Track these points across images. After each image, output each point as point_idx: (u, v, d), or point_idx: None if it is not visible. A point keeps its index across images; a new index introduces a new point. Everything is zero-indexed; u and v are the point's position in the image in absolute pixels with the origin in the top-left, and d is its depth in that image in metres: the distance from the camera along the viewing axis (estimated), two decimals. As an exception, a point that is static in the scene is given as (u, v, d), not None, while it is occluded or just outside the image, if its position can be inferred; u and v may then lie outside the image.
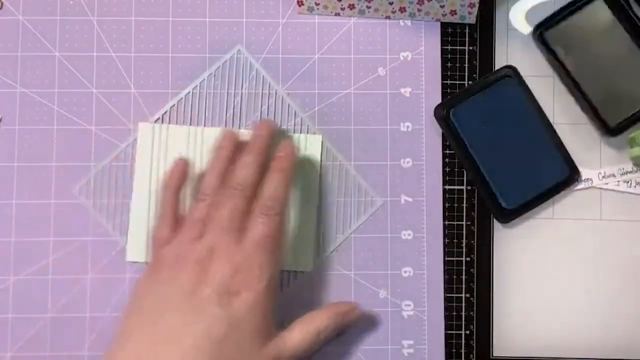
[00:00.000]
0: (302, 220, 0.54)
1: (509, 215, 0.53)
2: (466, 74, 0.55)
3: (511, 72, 0.54)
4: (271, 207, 0.47)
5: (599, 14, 0.53)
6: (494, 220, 0.54)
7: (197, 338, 0.44)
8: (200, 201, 0.49)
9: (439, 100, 0.54)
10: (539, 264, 0.54)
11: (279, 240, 0.48)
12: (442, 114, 0.53)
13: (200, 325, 0.44)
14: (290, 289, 0.54)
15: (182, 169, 0.52)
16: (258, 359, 0.45)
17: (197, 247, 0.46)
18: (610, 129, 0.53)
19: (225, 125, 0.54)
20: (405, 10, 0.54)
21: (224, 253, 0.46)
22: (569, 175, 0.53)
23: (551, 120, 0.54)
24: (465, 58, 0.55)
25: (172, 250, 0.47)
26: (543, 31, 0.53)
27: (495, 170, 0.53)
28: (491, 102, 0.54)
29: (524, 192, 0.53)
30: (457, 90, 0.55)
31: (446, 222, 0.54)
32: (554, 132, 0.53)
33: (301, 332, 0.48)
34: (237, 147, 0.51)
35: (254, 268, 0.46)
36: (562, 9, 0.53)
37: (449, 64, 0.55)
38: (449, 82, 0.55)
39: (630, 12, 0.53)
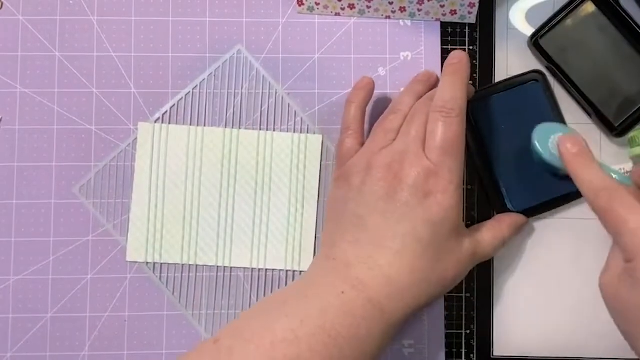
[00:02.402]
0: (302, 220, 0.54)
1: None
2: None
3: (539, 77, 0.53)
4: (452, 109, 0.47)
5: (591, 17, 0.53)
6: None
7: (405, 239, 0.45)
8: (392, 113, 0.50)
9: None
10: (539, 264, 0.54)
11: (462, 141, 0.47)
12: None
13: (406, 227, 0.45)
14: (291, 288, 0.54)
15: (368, 86, 0.52)
16: (460, 255, 0.47)
17: (386, 153, 0.47)
18: (615, 130, 0.53)
19: (225, 126, 0.54)
20: (405, 10, 0.54)
21: (413, 158, 0.46)
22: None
23: (551, 120, 0.54)
24: (465, 58, 0.55)
25: (362, 159, 0.48)
26: (538, 39, 0.53)
27: (507, 171, 0.53)
28: (514, 104, 0.53)
29: (532, 198, 0.53)
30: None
31: (446, 222, 0.54)
32: None
33: (489, 236, 0.50)
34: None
35: (443, 172, 0.46)
36: (554, 16, 0.53)
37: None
38: (449, 82, 0.55)
39: (621, 12, 0.53)
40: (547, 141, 0.49)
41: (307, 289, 0.45)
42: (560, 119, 0.53)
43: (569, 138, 0.48)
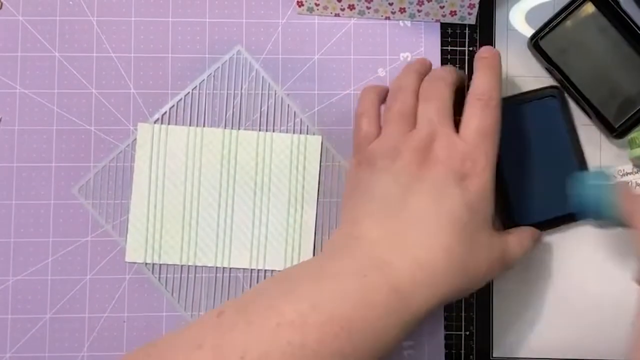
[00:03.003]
0: (302, 220, 0.54)
1: None
2: (466, 74, 0.55)
3: (556, 93, 0.53)
4: (491, 98, 0.46)
5: (591, 18, 0.53)
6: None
7: (440, 219, 0.42)
8: (401, 94, 0.48)
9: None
10: (539, 265, 0.54)
11: (498, 131, 0.46)
12: None
13: (442, 207, 0.43)
14: (290, 289, 0.54)
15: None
16: (491, 252, 0.44)
17: (414, 137, 0.45)
18: (615, 131, 0.53)
19: (225, 126, 0.54)
20: (405, 11, 0.54)
21: (445, 141, 0.45)
22: None
23: (551, 121, 0.54)
24: (465, 58, 0.55)
25: (385, 143, 0.46)
26: (538, 40, 0.53)
27: (517, 185, 0.52)
28: (529, 118, 0.53)
29: (540, 213, 0.52)
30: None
31: (446, 223, 0.54)
32: (585, 162, 0.53)
33: (516, 242, 0.47)
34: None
35: (479, 156, 0.44)
36: (554, 17, 0.53)
37: (449, 64, 0.55)
38: (449, 82, 0.55)
39: (621, 13, 0.52)
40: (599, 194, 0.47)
41: (324, 269, 0.41)
42: (575, 137, 0.53)
43: (628, 192, 0.46)
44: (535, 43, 0.53)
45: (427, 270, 0.41)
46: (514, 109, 0.53)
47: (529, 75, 0.54)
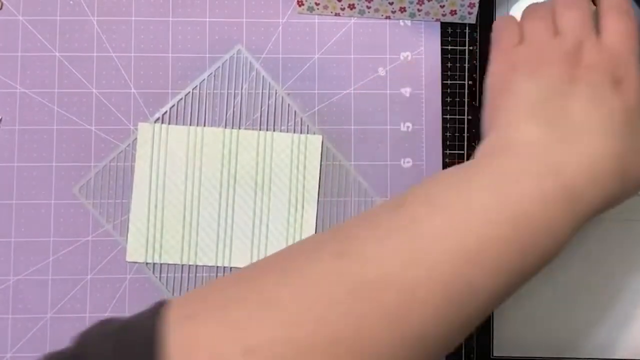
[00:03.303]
0: (302, 220, 0.54)
1: None
2: (466, 74, 0.55)
3: None
4: (621, 4, 0.44)
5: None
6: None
7: (604, 121, 0.41)
8: (538, 6, 0.46)
9: (439, 100, 0.54)
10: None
11: (637, 33, 0.44)
12: (480, 115, 0.51)
13: (604, 109, 0.42)
14: (290, 289, 0.54)
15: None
16: None
17: (561, 42, 0.44)
18: None
19: (225, 126, 0.54)
20: (405, 10, 0.54)
21: (593, 47, 0.43)
22: None
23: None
24: (465, 58, 0.55)
25: (528, 50, 0.44)
26: None
27: None
28: None
29: None
30: (457, 90, 0.54)
31: (446, 222, 0.54)
32: None
33: None
34: None
35: (629, 58, 0.43)
36: None
37: (449, 64, 0.55)
38: (449, 82, 0.55)
39: None
40: None
41: (494, 170, 0.40)
42: None
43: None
44: None
45: (597, 170, 0.40)
46: None
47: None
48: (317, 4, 0.54)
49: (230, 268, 0.54)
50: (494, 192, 0.38)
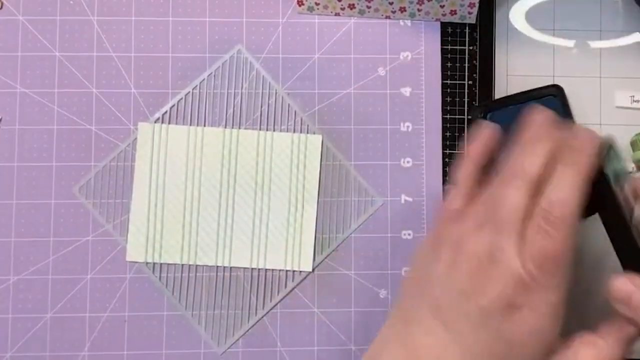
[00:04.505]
0: (302, 220, 0.54)
1: None
2: (466, 74, 0.55)
3: (557, 92, 0.53)
4: (558, 218, 0.37)
5: None
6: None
7: (475, 349, 0.39)
8: (510, 185, 0.40)
9: (439, 100, 0.54)
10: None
11: (566, 257, 0.38)
12: (478, 115, 0.51)
13: (480, 337, 0.38)
14: (291, 289, 0.54)
15: (488, 141, 0.44)
16: None
17: (478, 241, 0.39)
18: None
19: (225, 126, 0.54)
20: (405, 10, 0.54)
21: (504, 259, 0.38)
22: None
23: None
24: (465, 58, 0.55)
25: (456, 231, 0.41)
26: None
27: None
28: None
29: None
30: (457, 90, 0.54)
31: (446, 222, 0.54)
32: None
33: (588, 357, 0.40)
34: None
35: (538, 287, 0.38)
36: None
37: (449, 64, 0.55)
38: (449, 82, 0.55)
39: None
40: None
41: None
42: None
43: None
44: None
45: None
46: (515, 108, 0.52)
47: (528, 75, 0.55)
48: (317, 4, 0.54)
49: (230, 268, 0.54)
50: None
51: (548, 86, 0.53)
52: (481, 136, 0.44)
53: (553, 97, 0.53)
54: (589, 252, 0.54)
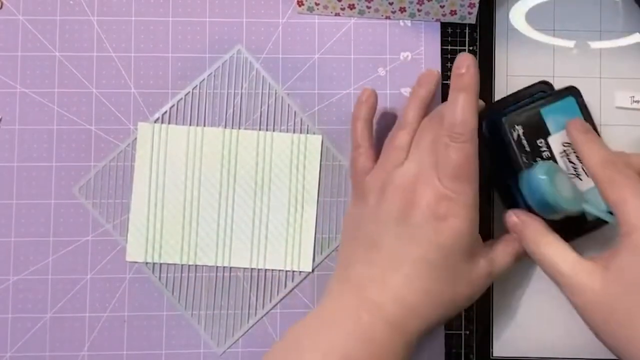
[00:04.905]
0: (302, 220, 0.54)
1: None
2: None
3: (546, 88, 0.52)
4: (461, 134, 0.45)
5: None
6: (494, 220, 0.54)
7: (416, 262, 0.45)
8: (401, 129, 0.49)
9: (439, 100, 0.54)
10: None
11: (474, 164, 0.46)
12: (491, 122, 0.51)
13: (418, 251, 0.45)
14: (290, 289, 0.54)
15: (370, 98, 0.51)
16: (474, 276, 0.47)
17: (401, 173, 0.47)
18: None
19: (225, 126, 0.54)
20: (405, 11, 0.54)
21: (426, 180, 0.46)
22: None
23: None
24: (465, 58, 0.55)
25: (376, 177, 0.48)
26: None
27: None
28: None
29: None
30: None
31: (446, 222, 0.54)
32: None
33: (505, 253, 0.49)
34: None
35: (457, 195, 0.45)
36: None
37: (449, 64, 0.55)
38: (449, 82, 0.55)
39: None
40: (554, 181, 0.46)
41: (326, 317, 0.45)
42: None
43: (579, 120, 0.48)
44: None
45: (409, 307, 0.45)
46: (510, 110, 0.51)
47: (529, 75, 0.54)
48: (317, 4, 0.54)
49: (230, 268, 0.54)
50: (324, 344, 0.43)
51: (536, 83, 0.53)
52: (363, 95, 0.51)
53: (543, 94, 0.52)
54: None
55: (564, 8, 0.55)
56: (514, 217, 0.49)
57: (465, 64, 0.46)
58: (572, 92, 0.51)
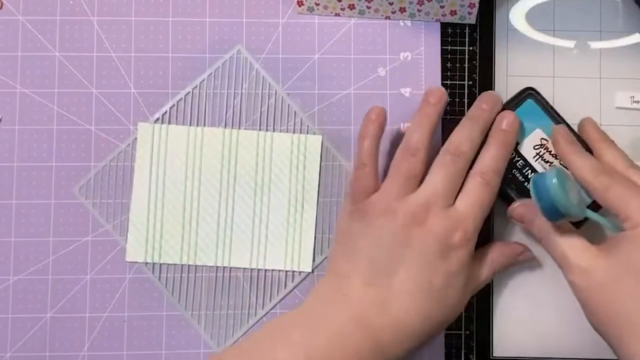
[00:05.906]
0: (302, 220, 0.54)
1: None
2: (466, 74, 0.55)
3: (532, 92, 0.52)
4: (492, 179, 0.49)
5: None
6: (494, 220, 0.54)
7: (422, 287, 0.46)
8: (411, 156, 0.49)
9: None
10: (538, 265, 0.54)
11: (489, 205, 0.49)
12: None
13: (425, 276, 0.46)
14: (290, 289, 0.54)
15: (380, 118, 0.51)
16: (464, 294, 0.49)
17: (412, 201, 0.47)
18: None
19: (225, 126, 0.54)
20: (405, 11, 0.54)
21: (440, 211, 0.47)
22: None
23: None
24: (465, 58, 0.55)
25: (382, 201, 0.48)
26: None
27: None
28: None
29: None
30: (457, 91, 0.54)
31: (446, 223, 0.54)
32: None
33: (486, 269, 0.51)
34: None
35: (469, 227, 0.47)
36: None
37: (449, 64, 0.55)
38: (449, 82, 0.55)
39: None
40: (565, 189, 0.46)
41: (316, 319, 0.46)
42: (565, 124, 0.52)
43: (562, 129, 0.50)
44: None
45: (403, 329, 0.46)
46: None
47: (529, 75, 0.54)
48: (317, 4, 0.54)
49: (230, 268, 0.54)
50: (308, 344, 0.43)
51: (521, 90, 0.52)
52: (373, 115, 0.51)
53: (530, 99, 0.52)
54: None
55: (564, 8, 0.55)
56: (522, 207, 0.50)
57: (510, 122, 0.50)
58: (528, 94, 0.52)
